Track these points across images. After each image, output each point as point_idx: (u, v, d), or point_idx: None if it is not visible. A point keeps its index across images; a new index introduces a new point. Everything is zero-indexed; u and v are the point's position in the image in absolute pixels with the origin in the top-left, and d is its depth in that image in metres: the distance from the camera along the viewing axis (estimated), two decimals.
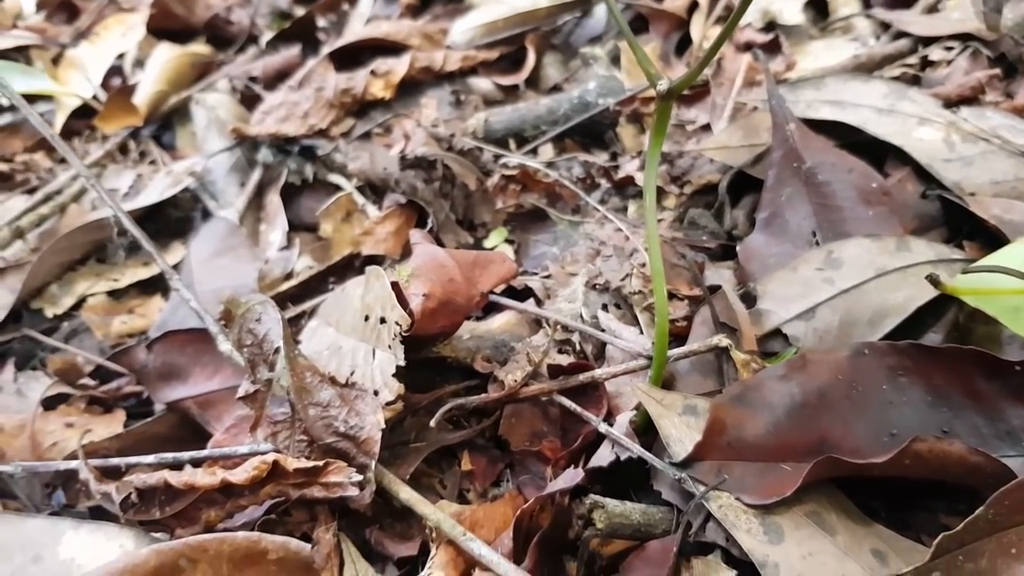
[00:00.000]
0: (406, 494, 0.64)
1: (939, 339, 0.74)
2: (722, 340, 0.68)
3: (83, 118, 1.35)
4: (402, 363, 0.65)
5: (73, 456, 0.83)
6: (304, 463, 0.62)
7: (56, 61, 1.49)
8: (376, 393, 0.65)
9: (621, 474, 0.65)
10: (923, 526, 0.63)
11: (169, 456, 0.71)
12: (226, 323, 0.71)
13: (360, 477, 0.61)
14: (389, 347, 0.67)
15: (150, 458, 0.70)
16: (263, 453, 0.65)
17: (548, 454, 0.70)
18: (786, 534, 0.58)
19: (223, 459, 0.68)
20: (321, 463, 0.62)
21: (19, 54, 1.47)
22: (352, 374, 0.69)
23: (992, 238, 0.78)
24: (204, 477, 0.65)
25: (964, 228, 0.82)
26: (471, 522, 0.62)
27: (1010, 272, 0.65)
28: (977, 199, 0.82)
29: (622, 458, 0.65)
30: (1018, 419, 0.63)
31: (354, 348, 0.73)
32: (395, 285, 0.68)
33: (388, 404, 0.64)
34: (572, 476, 0.60)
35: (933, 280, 0.66)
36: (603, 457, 0.65)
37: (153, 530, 0.67)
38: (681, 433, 0.64)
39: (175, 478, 0.65)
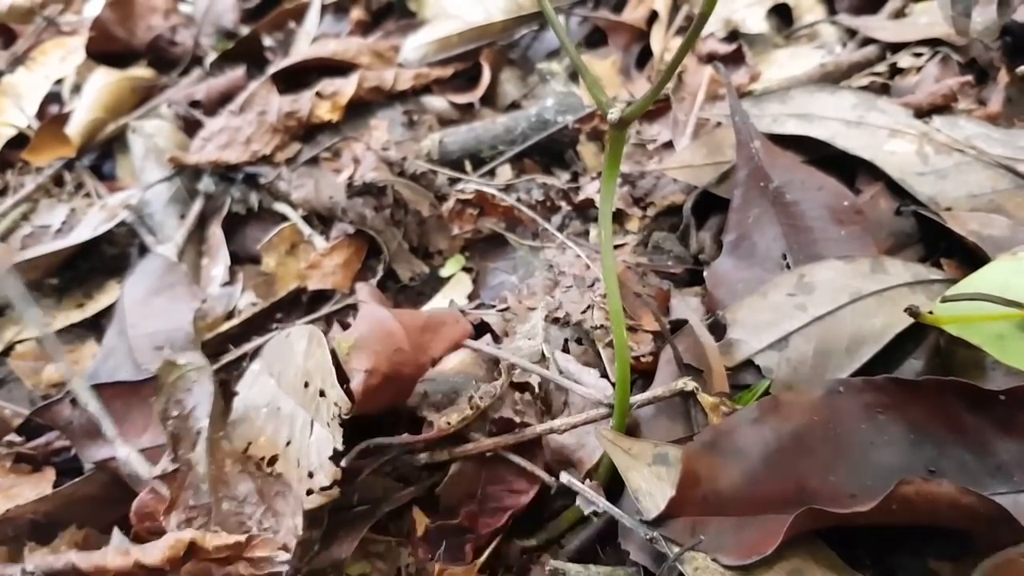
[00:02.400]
0: None
1: (920, 365, 0.69)
2: (687, 384, 0.62)
3: (18, 148, 1.28)
4: (340, 448, 0.59)
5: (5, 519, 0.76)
6: (225, 538, 0.56)
7: None
8: (311, 475, 0.59)
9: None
10: (911, 572, 0.58)
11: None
12: (156, 392, 0.65)
13: (287, 555, 0.55)
14: (328, 425, 0.61)
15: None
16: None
17: (468, 525, 0.64)
18: None
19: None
20: (243, 538, 0.56)
21: None
22: (288, 444, 0.62)
23: (971, 255, 0.74)
24: (116, 558, 0.59)
25: (942, 245, 0.78)
26: None
27: (991, 299, 0.61)
28: (954, 214, 0.78)
29: (586, 512, 0.60)
30: (1007, 453, 0.58)
31: (293, 413, 0.67)
32: (335, 358, 0.62)
33: (323, 489, 0.58)
34: None
35: (912, 312, 0.61)
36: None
37: None
38: (651, 486, 0.58)
39: (83, 560, 0.59)
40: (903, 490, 0.53)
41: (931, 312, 0.63)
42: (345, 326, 0.88)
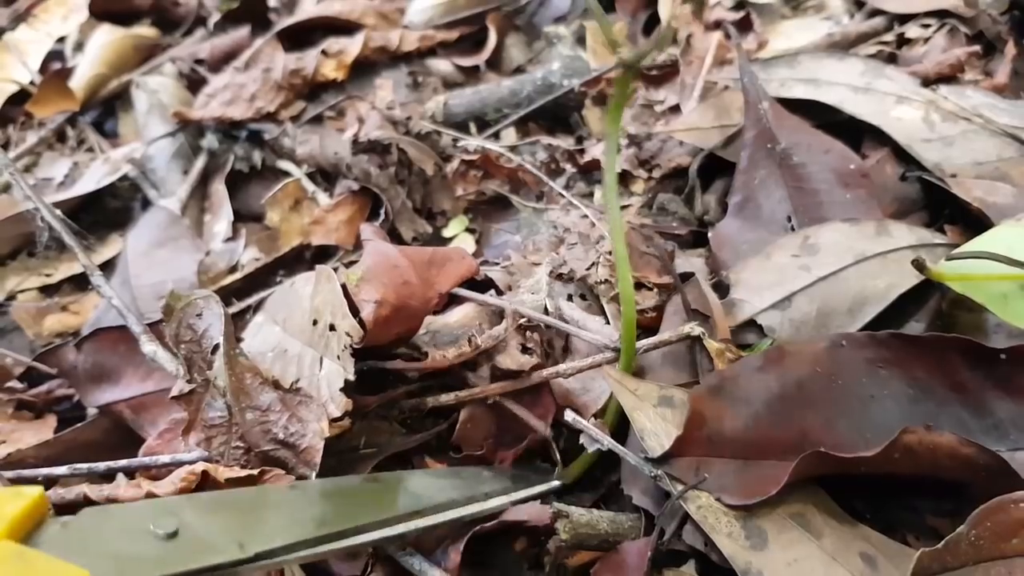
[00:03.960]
0: None
1: (922, 327, 0.70)
2: (694, 329, 0.63)
3: (20, 104, 1.27)
4: (351, 378, 0.60)
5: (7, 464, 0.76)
6: (238, 472, 0.57)
7: None
8: (323, 405, 0.59)
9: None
10: (909, 526, 0.59)
11: (84, 467, 0.65)
12: (165, 318, 0.65)
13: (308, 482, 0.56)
14: (338, 358, 0.61)
15: (62, 469, 0.64)
16: (191, 463, 0.59)
17: (491, 458, 0.66)
18: (770, 538, 0.54)
19: (147, 469, 0.62)
20: (256, 472, 0.57)
21: None
22: (297, 381, 0.63)
23: (975, 221, 0.75)
24: (128, 490, 0.59)
25: (946, 211, 0.79)
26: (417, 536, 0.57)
27: (998, 258, 0.61)
28: (959, 181, 0.78)
29: (590, 450, 0.61)
30: (1005, 411, 0.59)
31: (301, 353, 0.67)
32: (345, 291, 0.63)
33: (335, 420, 0.59)
34: None
35: (919, 264, 0.62)
36: None
37: None
38: (657, 426, 0.59)
39: (95, 492, 0.59)
40: (906, 438, 0.54)
41: (936, 268, 0.64)
42: None
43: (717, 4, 1.10)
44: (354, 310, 0.63)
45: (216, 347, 0.63)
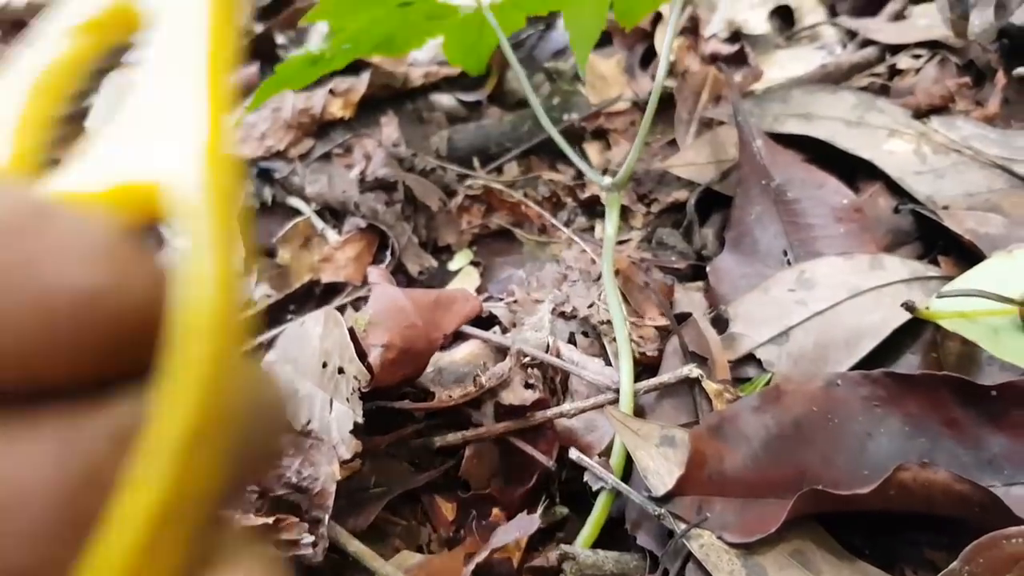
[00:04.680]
0: (354, 547, 0.61)
1: (917, 360, 0.72)
2: (692, 371, 0.65)
3: None
4: (360, 420, 0.62)
5: None
6: (254, 520, 0.59)
7: None
8: (333, 447, 0.62)
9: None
10: (908, 560, 0.61)
11: None
12: None
13: (312, 538, 0.58)
14: (347, 400, 0.64)
15: None
16: None
17: (497, 496, 0.68)
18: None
19: None
20: (271, 520, 0.59)
21: None
22: (308, 423, 0.65)
23: (967, 252, 0.77)
24: None
25: (939, 242, 0.81)
26: (427, 574, 0.59)
27: (987, 295, 0.63)
28: (951, 213, 0.80)
29: (595, 488, 0.63)
30: (998, 446, 0.61)
31: (311, 394, 0.70)
32: (353, 334, 0.65)
33: (345, 462, 0.61)
34: (526, 524, 0.57)
35: (908, 307, 0.64)
36: None
37: None
38: (659, 466, 0.61)
39: None
40: (901, 475, 0.56)
41: (927, 308, 0.66)
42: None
43: (712, 37, 1.12)
44: (362, 354, 0.65)
45: None
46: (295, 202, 1.06)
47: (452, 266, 0.99)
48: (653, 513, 0.59)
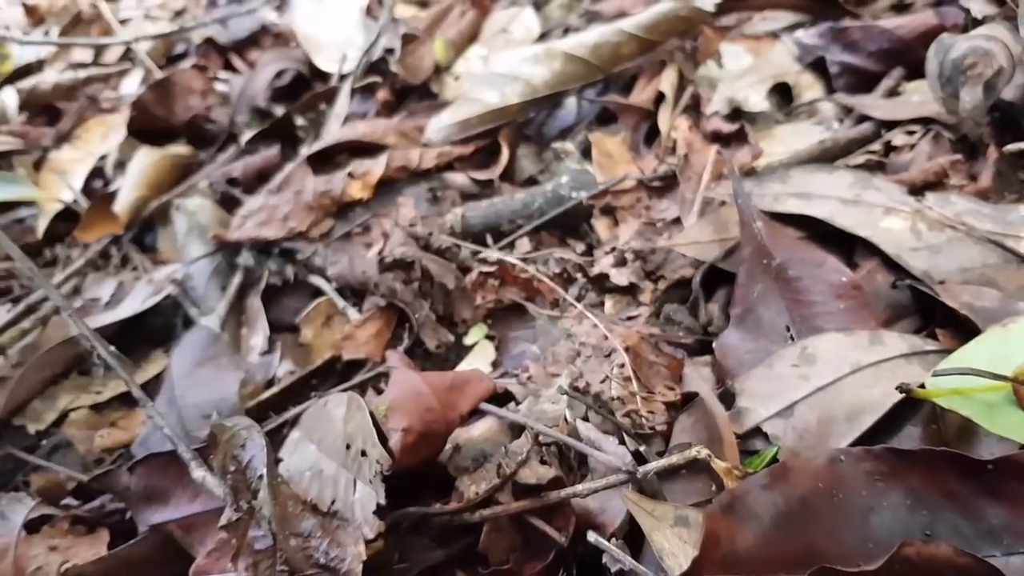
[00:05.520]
0: None
1: (918, 431, 0.74)
2: (700, 451, 0.68)
3: (67, 221, 1.36)
4: (383, 502, 0.65)
5: None
6: None
7: (38, 165, 1.51)
8: (358, 528, 0.65)
9: None
10: None
11: None
12: (212, 448, 0.71)
13: None
14: (370, 482, 0.67)
15: None
16: None
17: (515, 571, 0.70)
18: None
19: None
20: None
21: (2, 159, 1.49)
22: (333, 503, 0.68)
23: (964, 326, 0.80)
24: None
25: (936, 316, 0.84)
26: None
27: (980, 373, 0.66)
28: (947, 287, 0.84)
29: (613, 570, 0.65)
30: (996, 518, 0.63)
31: (336, 475, 0.73)
32: (374, 419, 0.69)
33: (370, 542, 0.64)
34: None
35: (904, 389, 0.67)
36: None
37: None
38: (675, 547, 0.63)
39: None
40: (905, 551, 0.58)
41: (923, 386, 0.69)
42: (379, 391, 0.94)
43: (714, 114, 1.17)
44: (383, 438, 0.69)
45: (260, 476, 0.68)
46: (316, 280, 1.11)
47: (468, 340, 1.03)
48: None
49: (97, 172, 1.47)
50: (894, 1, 1.33)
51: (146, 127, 1.48)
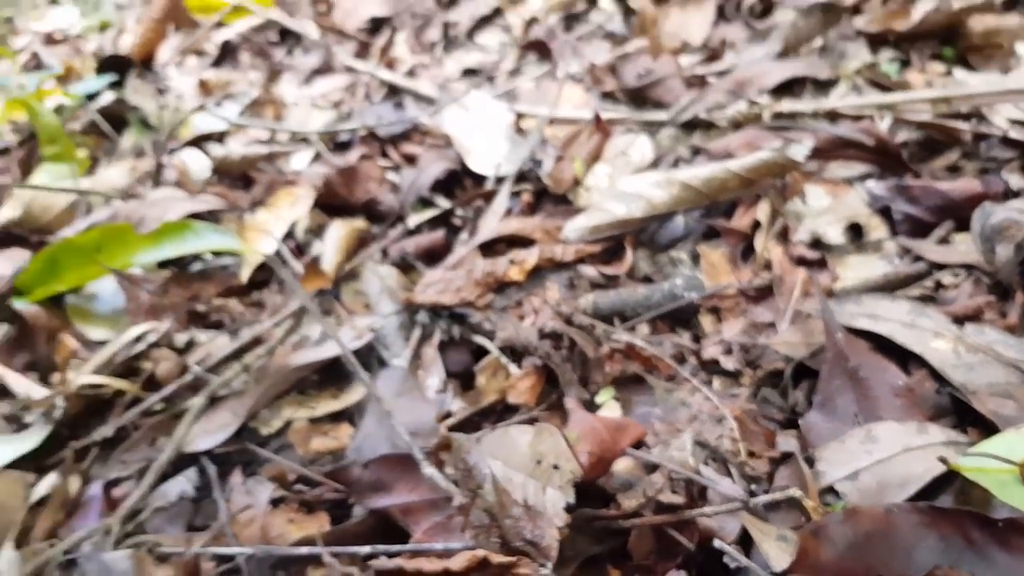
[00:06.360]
0: None
1: (950, 499, 1.01)
2: (794, 492, 0.97)
3: (262, 271, 1.70)
4: (572, 501, 0.94)
5: (301, 544, 1.11)
6: (503, 558, 0.90)
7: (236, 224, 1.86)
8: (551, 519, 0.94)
9: None
10: None
11: (395, 548, 1.00)
12: (445, 452, 1.01)
13: (546, 571, 0.89)
14: (560, 488, 0.97)
15: (365, 548, 0.99)
16: (471, 549, 0.94)
17: (653, 568, 0.98)
18: None
19: (426, 553, 0.97)
20: (515, 558, 0.90)
21: (209, 216, 1.85)
22: (526, 501, 0.98)
23: (989, 426, 1.07)
24: (429, 565, 0.94)
25: (968, 417, 1.11)
26: None
27: (998, 458, 0.94)
28: (978, 396, 1.12)
29: (731, 567, 0.93)
30: (1003, 562, 0.90)
31: (524, 483, 1.02)
32: (568, 442, 0.99)
33: (559, 529, 0.93)
34: None
35: (943, 460, 0.95)
36: None
37: None
38: (777, 554, 0.91)
39: (409, 564, 0.93)
40: (936, 572, 0.86)
41: (957, 463, 0.97)
42: None
43: (799, 243, 1.49)
44: (576, 455, 0.98)
45: (485, 475, 0.98)
46: (480, 340, 1.42)
47: (598, 399, 1.32)
48: None
49: (287, 235, 1.81)
50: (948, 163, 1.65)
51: (329, 202, 1.83)
